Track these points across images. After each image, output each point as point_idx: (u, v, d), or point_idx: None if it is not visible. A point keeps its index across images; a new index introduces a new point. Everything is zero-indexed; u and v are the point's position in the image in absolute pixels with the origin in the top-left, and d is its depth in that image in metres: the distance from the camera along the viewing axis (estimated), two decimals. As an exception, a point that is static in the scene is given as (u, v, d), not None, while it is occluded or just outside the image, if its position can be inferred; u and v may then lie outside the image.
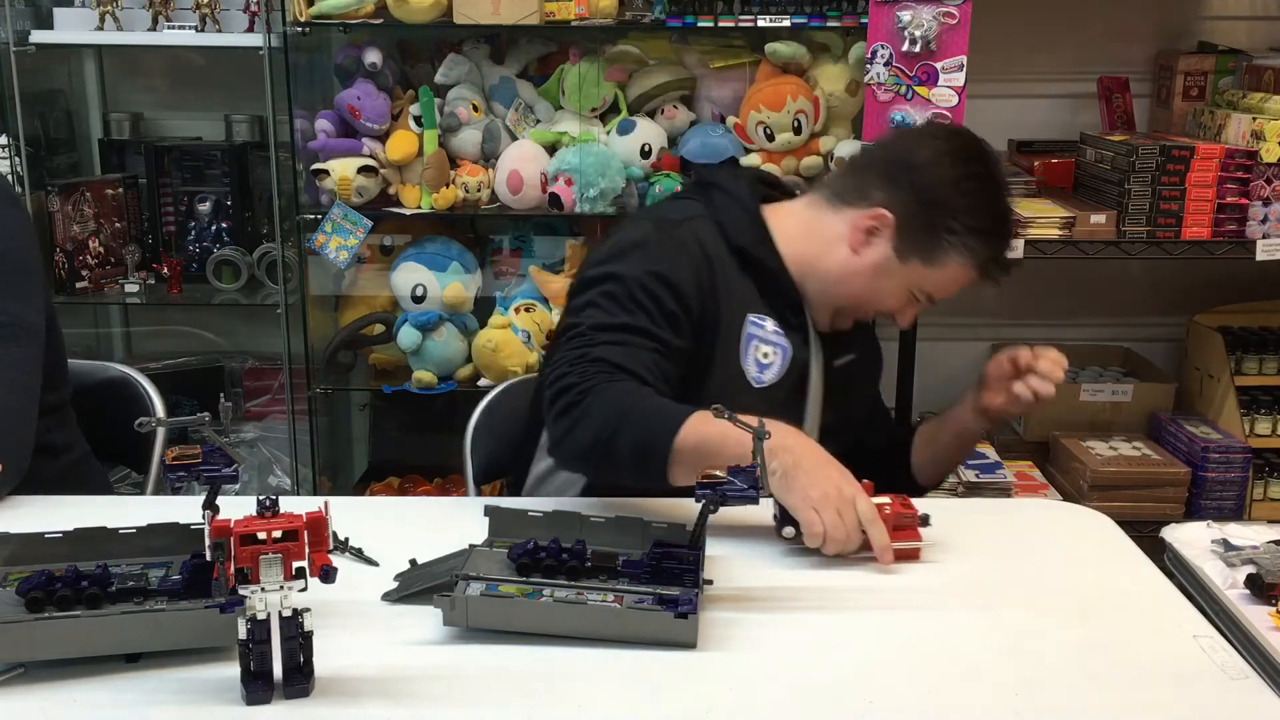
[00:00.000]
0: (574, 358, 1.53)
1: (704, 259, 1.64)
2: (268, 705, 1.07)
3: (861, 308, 1.73)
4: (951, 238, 1.63)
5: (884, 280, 1.68)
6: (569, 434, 1.49)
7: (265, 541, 1.04)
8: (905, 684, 1.15)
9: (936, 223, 1.63)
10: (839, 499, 1.38)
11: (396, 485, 3.04)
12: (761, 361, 1.68)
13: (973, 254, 1.64)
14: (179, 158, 3.00)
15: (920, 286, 1.68)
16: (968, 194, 1.63)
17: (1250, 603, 1.38)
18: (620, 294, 1.58)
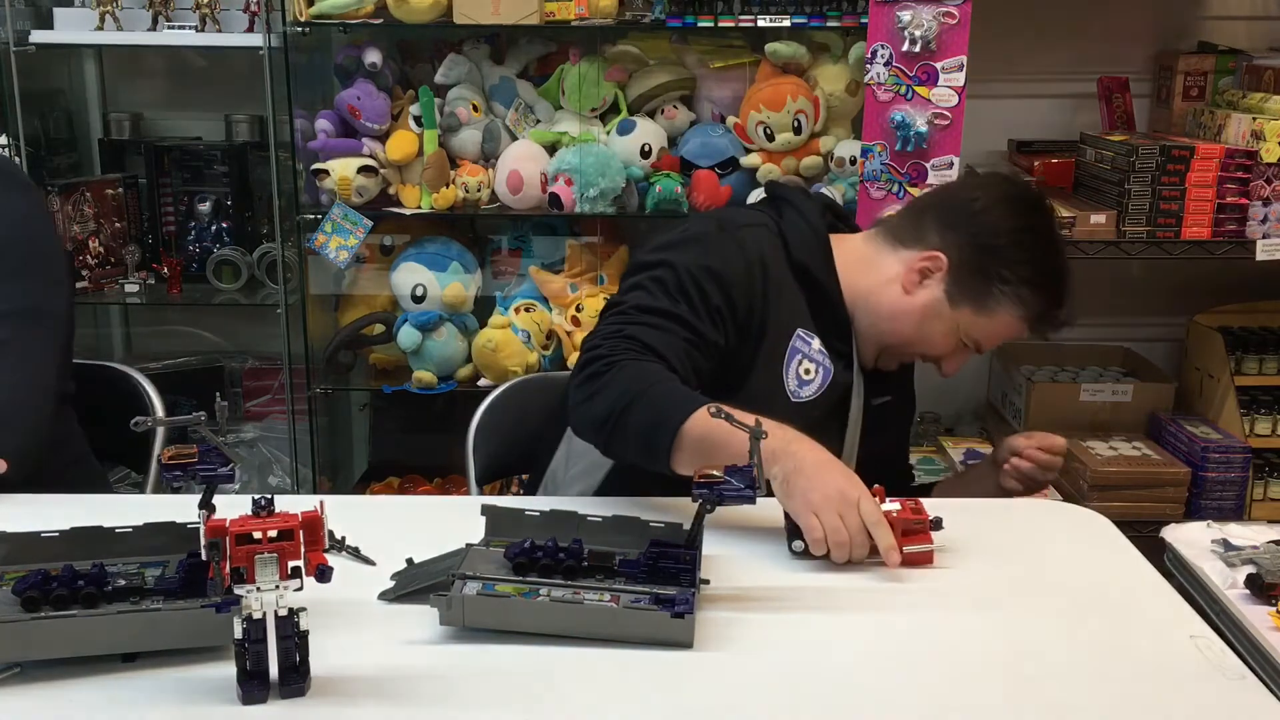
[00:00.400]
0: (609, 331, 1.55)
1: (760, 264, 1.65)
2: (263, 705, 1.07)
3: (908, 349, 1.73)
4: (1005, 287, 1.65)
5: (934, 323, 1.69)
6: (587, 401, 1.50)
7: (261, 541, 1.04)
8: (904, 684, 1.14)
9: (990, 271, 1.65)
10: (840, 501, 1.36)
11: (396, 485, 3.04)
12: (803, 377, 1.68)
13: (1025, 305, 1.66)
14: (179, 158, 3.00)
15: (969, 333, 1.69)
16: (1024, 245, 1.65)
17: (1250, 603, 1.38)
18: (669, 280, 1.59)
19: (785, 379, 1.67)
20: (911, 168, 2.38)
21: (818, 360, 1.69)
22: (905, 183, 2.40)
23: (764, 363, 1.66)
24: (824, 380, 1.70)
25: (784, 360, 1.67)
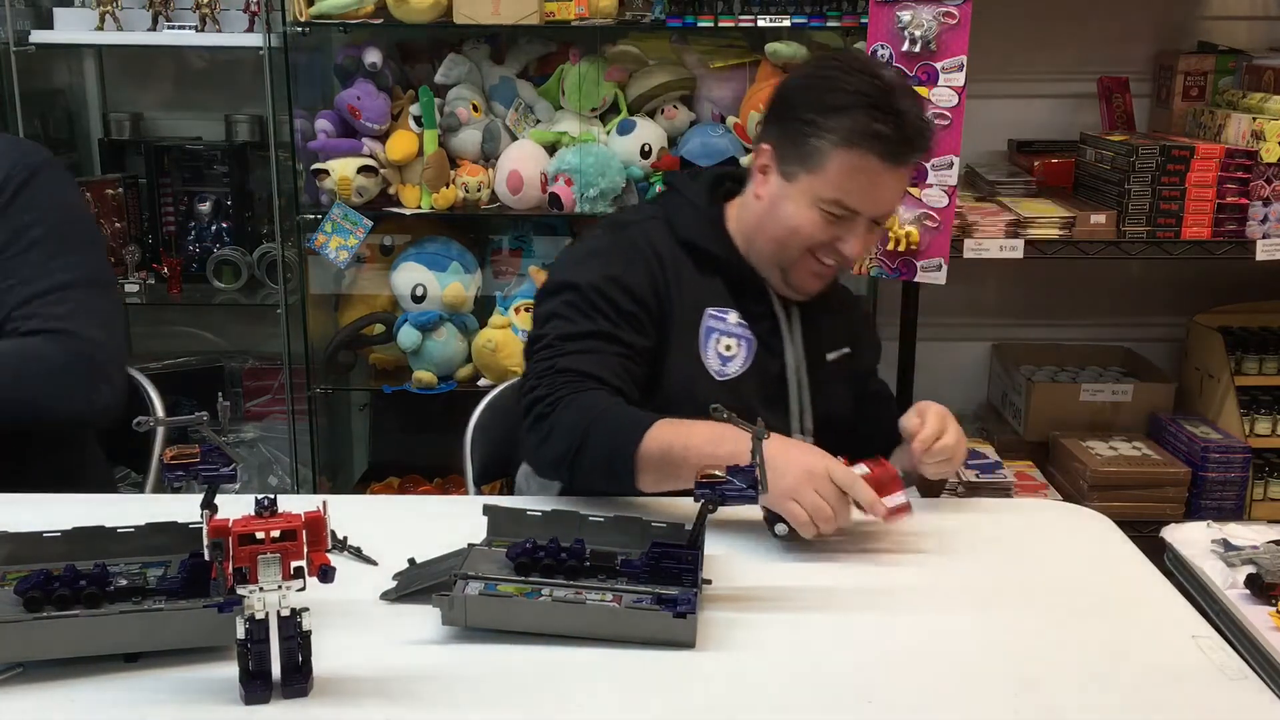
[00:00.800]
0: (542, 369, 1.59)
1: (655, 257, 1.68)
2: (266, 705, 1.07)
3: (789, 248, 1.67)
4: (813, 129, 1.60)
5: (787, 206, 1.65)
6: (541, 446, 1.55)
7: (263, 541, 1.04)
8: (904, 684, 1.15)
9: (796, 125, 1.62)
10: (811, 478, 1.38)
11: (396, 485, 3.04)
12: (723, 354, 1.69)
13: (841, 135, 1.58)
14: (179, 158, 3.00)
15: (820, 195, 1.62)
16: (813, 86, 1.64)
17: (1250, 603, 1.38)
18: (580, 302, 1.63)
19: (705, 360, 1.68)
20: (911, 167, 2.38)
21: (737, 334, 1.70)
22: (905, 183, 2.40)
23: (680, 350, 1.68)
24: (748, 352, 1.70)
25: (700, 342, 1.68)
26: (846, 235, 1.63)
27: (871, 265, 2.47)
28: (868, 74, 1.61)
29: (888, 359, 2.64)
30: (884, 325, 2.78)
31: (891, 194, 1.65)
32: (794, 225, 1.64)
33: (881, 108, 1.58)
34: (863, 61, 1.67)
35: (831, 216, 1.62)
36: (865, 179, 1.60)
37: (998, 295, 3.16)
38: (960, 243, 2.48)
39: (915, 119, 1.60)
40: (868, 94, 1.59)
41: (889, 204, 1.66)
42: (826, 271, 1.69)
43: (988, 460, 2.74)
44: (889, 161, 1.59)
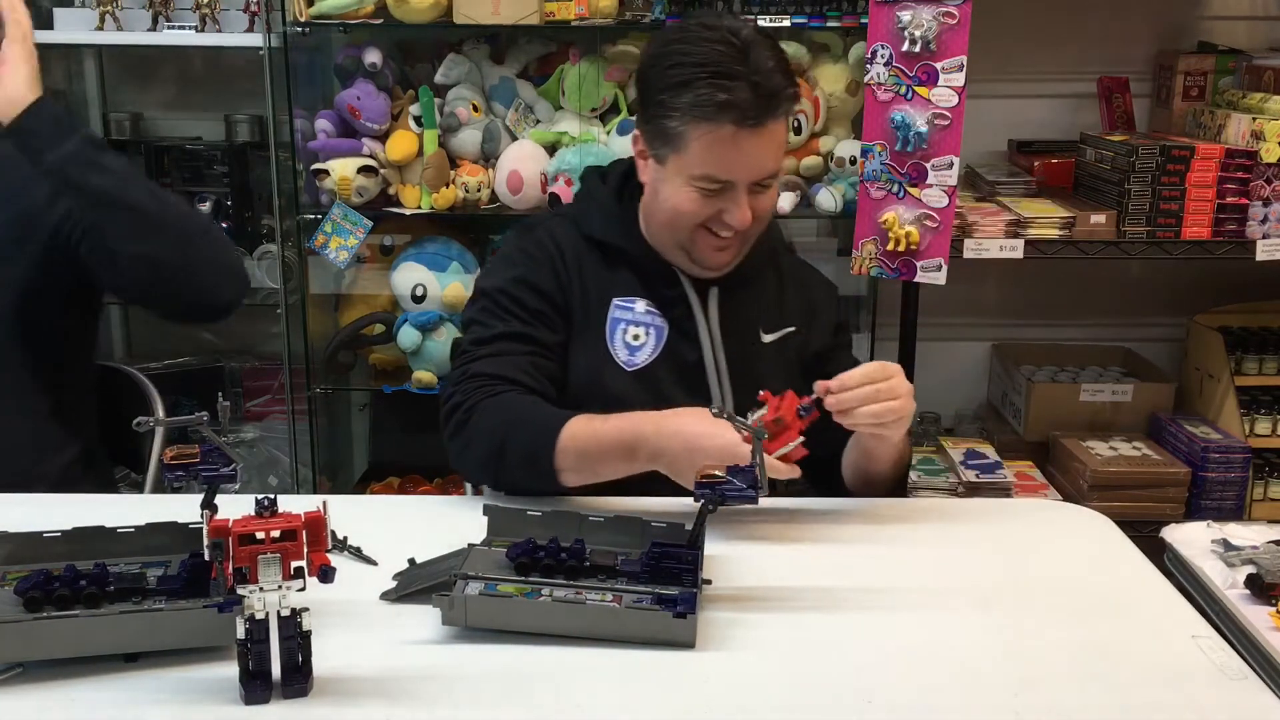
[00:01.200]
0: (458, 377, 1.64)
1: (558, 254, 1.72)
2: (266, 705, 1.07)
3: (678, 229, 1.66)
4: (664, 110, 1.59)
5: (664, 189, 1.65)
6: (462, 453, 1.60)
7: (263, 541, 1.04)
8: (904, 684, 1.15)
9: (652, 110, 1.62)
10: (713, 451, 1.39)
11: (396, 485, 3.04)
12: (631, 344, 1.70)
13: (690, 112, 1.57)
14: (179, 158, 3.00)
15: (690, 173, 1.60)
16: (657, 64, 1.62)
17: (1250, 603, 1.38)
18: (492, 306, 1.68)
19: (613, 351, 1.70)
20: (911, 168, 2.38)
21: (645, 322, 1.71)
22: (905, 183, 2.40)
23: (586, 342, 1.70)
24: (658, 340, 1.71)
25: (606, 333, 1.70)
26: (729, 205, 1.61)
27: (871, 265, 2.47)
28: (709, 39, 1.58)
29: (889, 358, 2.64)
30: (884, 325, 2.79)
31: (762, 155, 1.60)
32: (674, 206, 1.64)
33: (725, 74, 1.55)
34: (706, 24, 1.61)
35: (708, 191, 1.61)
36: (727, 148, 1.57)
37: (998, 295, 3.16)
38: (960, 243, 2.48)
39: (764, 75, 1.55)
40: (708, 63, 1.56)
41: (763, 166, 1.61)
42: (729, 243, 1.66)
43: (988, 460, 2.74)
44: (746, 126, 1.55)
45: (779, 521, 1.52)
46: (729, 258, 1.69)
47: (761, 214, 1.66)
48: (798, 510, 1.56)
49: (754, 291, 1.78)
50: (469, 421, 1.58)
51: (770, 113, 1.57)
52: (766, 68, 1.56)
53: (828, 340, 1.84)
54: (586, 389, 1.68)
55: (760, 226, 1.69)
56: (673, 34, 1.64)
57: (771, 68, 1.57)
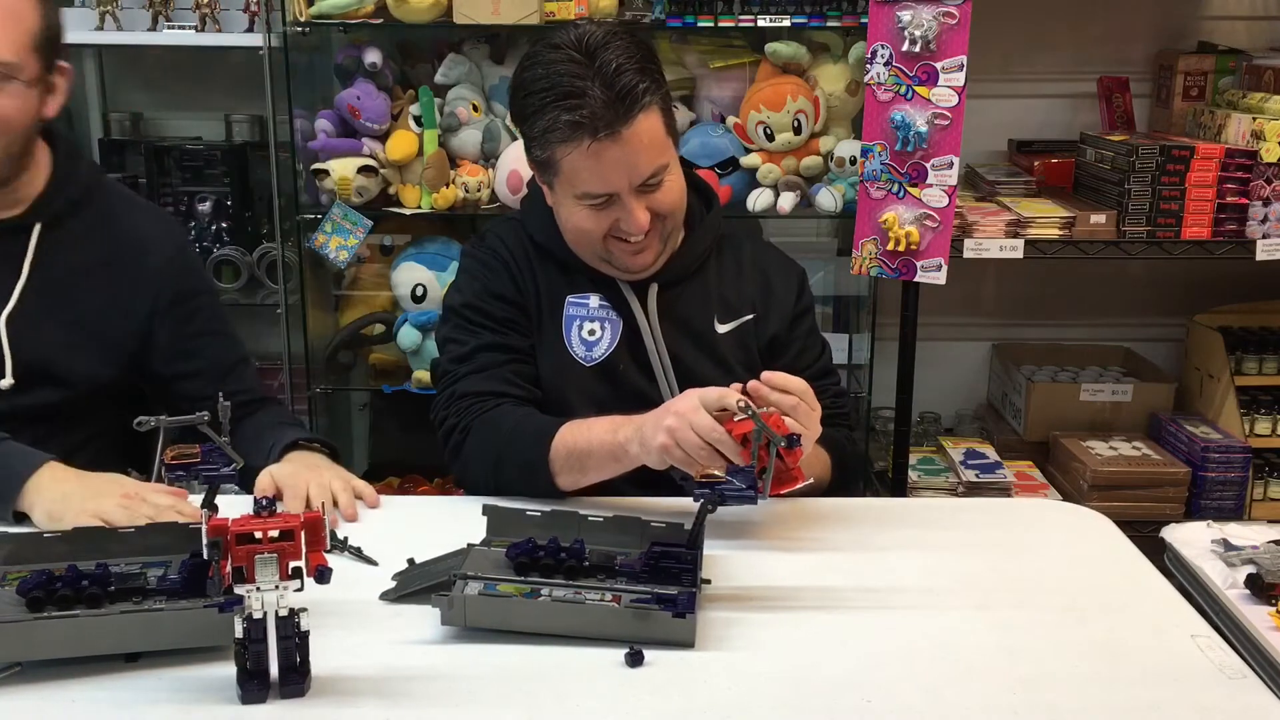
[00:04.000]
0: (446, 397, 1.69)
1: (510, 257, 1.74)
2: (263, 705, 1.07)
3: (585, 246, 1.68)
4: (530, 142, 1.61)
5: (561, 212, 1.67)
6: (464, 472, 1.67)
7: (261, 541, 1.04)
8: (903, 683, 1.15)
9: (526, 142, 1.64)
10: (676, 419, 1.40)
11: (396, 485, 3.03)
12: (587, 339, 1.71)
13: (548, 139, 1.57)
14: (179, 158, 3.00)
15: (574, 191, 1.61)
16: (515, 96, 1.62)
17: (1250, 603, 1.38)
18: (463, 323, 1.72)
19: (570, 348, 1.71)
20: (911, 168, 2.38)
21: (600, 317, 1.72)
22: (905, 183, 2.40)
23: (546, 342, 1.72)
24: (613, 333, 1.71)
25: (564, 331, 1.71)
26: (621, 214, 1.61)
27: (871, 265, 2.47)
28: (554, 59, 1.56)
29: (889, 357, 2.65)
30: (884, 325, 2.79)
31: (634, 158, 1.56)
32: (573, 226, 1.66)
33: (571, 93, 1.53)
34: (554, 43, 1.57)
35: (596, 205, 1.61)
36: (594, 163, 1.56)
37: (998, 295, 3.16)
38: (960, 243, 2.48)
39: (611, 81, 1.52)
40: (553, 85, 1.54)
41: (638, 168, 1.58)
42: (642, 244, 1.65)
43: (988, 460, 2.74)
44: (602, 136, 1.53)
45: (779, 521, 1.52)
46: (650, 258, 1.68)
47: (665, 209, 1.63)
48: (797, 510, 1.56)
49: (700, 283, 1.77)
50: (465, 442, 1.64)
51: (626, 116, 1.53)
52: (611, 70, 1.53)
53: (784, 326, 1.80)
54: (551, 386, 1.70)
55: (674, 221, 1.67)
56: (525, 61, 1.61)
57: (618, 68, 1.53)
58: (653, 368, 1.72)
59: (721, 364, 1.74)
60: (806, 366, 1.80)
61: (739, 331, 1.77)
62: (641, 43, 1.60)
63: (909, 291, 2.54)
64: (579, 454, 1.54)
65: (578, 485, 1.57)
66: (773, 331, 1.79)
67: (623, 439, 1.50)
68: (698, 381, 1.67)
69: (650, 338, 1.72)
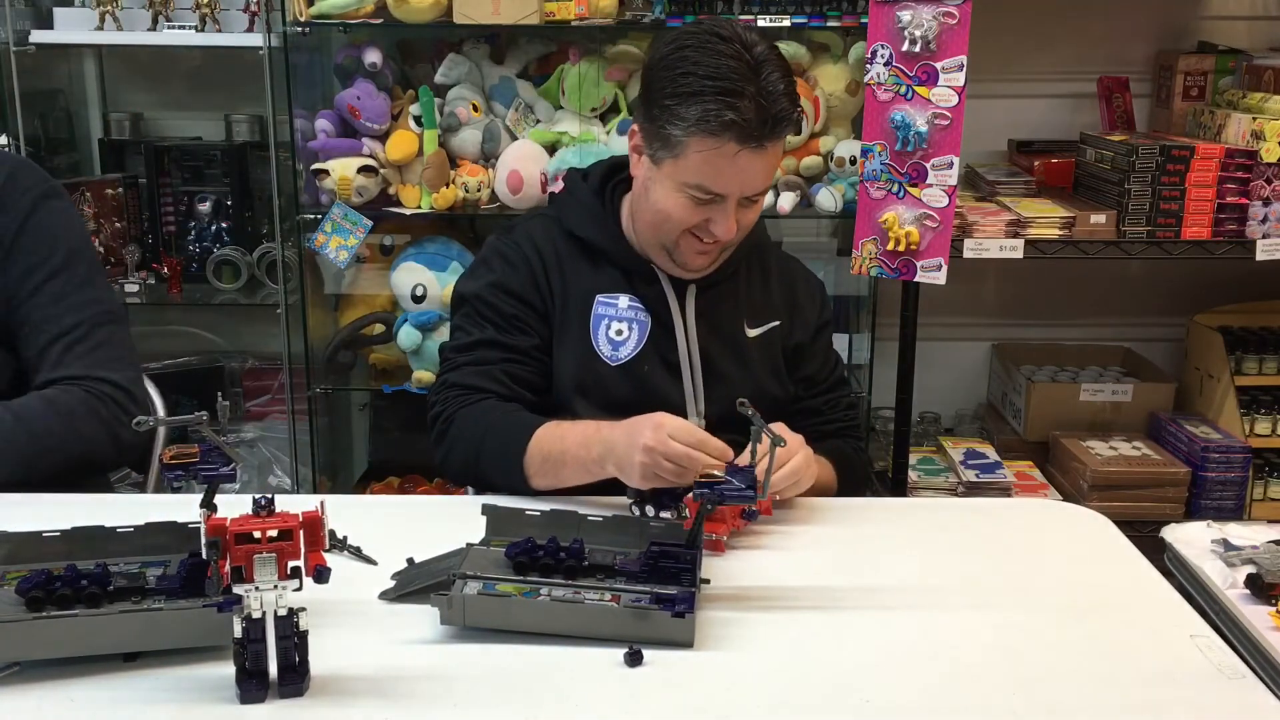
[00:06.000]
0: (439, 385, 1.71)
1: (537, 255, 1.74)
2: (261, 704, 1.07)
3: (664, 231, 1.67)
4: (668, 116, 1.58)
5: (655, 190, 1.64)
6: (444, 460, 1.68)
7: (260, 540, 1.04)
8: (903, 683, 1.14)
9: (655, 113, 1.60)
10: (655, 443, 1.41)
11: (396, 485, 3.04)
12: (615, 339, 1.72)
13: (694, 124, 1.56)
14: (179, 158, 3.00)
15: (684, 180, 1.60)
16: (668, 68, 1.59)
17: (1250, 603, 1.38)
18: (470, 312, 1.73)
19: (597, 347, 1.71)
20: (911, 168, 2.38)
21: (628, 317, 1.73)
22: (905, 183, 2.40)
23: (572, 339, 1.72)
24: (640, 334, 1.72)
25: (591, 329, 1.72)
26: (716, 216, 1.62)
27: (871, 265, 2.47)
28: (723, 52, 1.56)
29: (889, 357, 2.65)
30: (884, 325, 2.79)
31: (756, 174, 1.60)
32: (663, 209, 1.64)
33: (734, 92, 1.54)
34: (721, 35, 1.58)
35: (698, 200, 1.61)
36: (724, 164, 1.57)
37: (998, 295, 3.16)
38: (960, 243, 2.48)
39: (771, 98, 1.55)
40: (719, 77, 1.54)
41: (756, 183, 1.62)
42: (710, 248, 1.67)
43: (988, 460, 2.74)
44: (746, 145, 1.56)
45: (778, 521, 1.52)
46: (708, 262, 1.70)
47: (746, 225, 1.68)
48: (798, 510, 1.56)
49: (735, 286, 1.78)
50: (448, 431, 1.66)
51: (773, 135, 1.57)
52: (776, 90, 1.56)
53: (807, 336, 1.84)
54: (575, 383, 1.70)
55: (743, 236, 1.70)
56: (686, 39, 1.61)
57: (780, 91, 1.56)
58: (680, 367, 1.73)
59: (749, 367, 1.76)
60: (824, 379, 1.87)
61: (767, 337, 1.79)
62: (789, 69, 1.62)
63: (909, 291, 2.54)
64: (553, 461, 1.57)
65: (553, 488, 1.59)
66: (797, 340, 1.82)
67: (596, 456, 1.51)
68: (724, 382, 1.73)
69: (683, 337, 1.73)
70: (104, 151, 3.08)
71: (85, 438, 1.65)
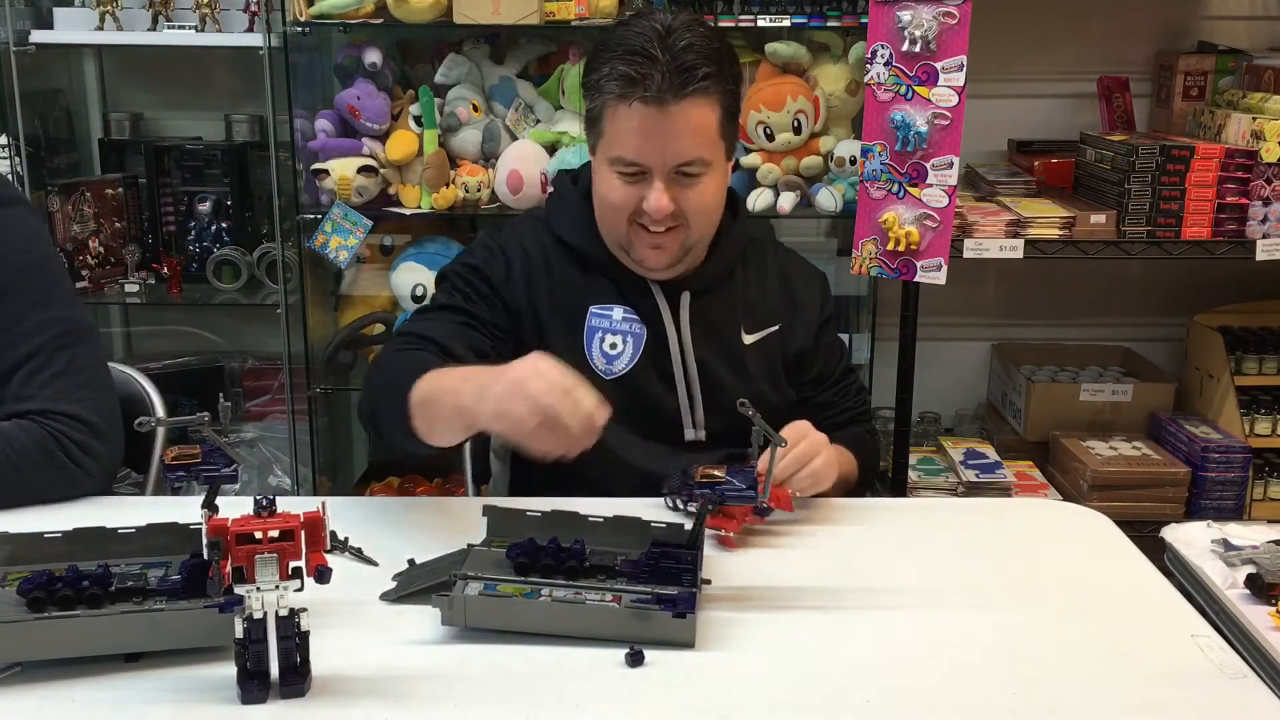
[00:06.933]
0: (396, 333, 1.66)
1: (523, 256, 1.70)
2: (263, 705, 1.07)
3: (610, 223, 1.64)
4: (588, 92, 1.61)
5: (596, 179, 1.64)
6: (362, 393, 1.62)
7: (261, 541, 1.04)
8: (903, 684, 1.14)
9: (585, 96, 1.63)
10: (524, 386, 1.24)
11: (396, 485, 3.04)
12: (609, 352, 1.68)
13: (603, 89, 1.56)
14: (179, 158, 3.00)
15: (609, 156, 1.59)
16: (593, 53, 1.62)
17: (1250, 603, 1.38)
18: (445, 285, 1.70)
19: (590, 359, 1.67)
20: (911, 168, 2.38)
21: (622, 330, 1.68)
22: (905, 183, 2.40)
23: (561, 350, 1.59)
24: (635, 348, 1.68)
25: (585, 342, 1.68)
26: (647, 193, 1.57)
27: (871, 265, 2.47)
28: (640, 25, 1.56)
29: (888, 358, 2.65)
30: (884, 325, 2.79)
31: (674, 138, 1.54)
32: (601, 194, 1.62)
33: (640, 52, 1.52)
34: (645, 14, 1.59)
35: (625, 176, 1.58)
36: (633, 126, 1.54)
37: (998, 295, 3.16)
38: (960, 243, 2.48)
39: (677, 53, 1.51)
40: (626, 42, 1.54)
41: (679, 150, 1.55)
42: (661, 240, 1.61)
43: (988, 460, 2.74)
44: (651, 104, 1.51)
45: (778, 521, 1.52)
46: (664, 259, 1.64)
47: (693, 209, 1.60)
48: (797, 511, 1.56)
49: (730, 290, 1.74)
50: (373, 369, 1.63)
51: (678, 91, 1.51)
52: (681, 45, 1.52)
53: (810, 338, 1.79)
54: None
55: (700, 229, 1.63)
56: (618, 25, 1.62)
57: (689, 45, 1.52)
58: (674, 377, 1.69)
59: (745, 375, 1.72)
60: (832, 373, 1.83)
61: (764, 343, 1.75)
62: (725, 41, 1.59)
63: (909, 291, 2.54)
64: (428, 404, 1.39)
65: (430, 440, 1.41)
66: (800, 346, 1.78)
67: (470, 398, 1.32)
68: (721, 391, 1.69)
69: (676, 347, 1.69)
70: (104, 151, 3.08)
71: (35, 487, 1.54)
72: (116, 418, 1.66)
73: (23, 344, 1.59)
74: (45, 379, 1.58)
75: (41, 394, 1.58)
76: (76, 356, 1.62)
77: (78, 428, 1.58)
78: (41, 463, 1.55)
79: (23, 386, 1.58)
